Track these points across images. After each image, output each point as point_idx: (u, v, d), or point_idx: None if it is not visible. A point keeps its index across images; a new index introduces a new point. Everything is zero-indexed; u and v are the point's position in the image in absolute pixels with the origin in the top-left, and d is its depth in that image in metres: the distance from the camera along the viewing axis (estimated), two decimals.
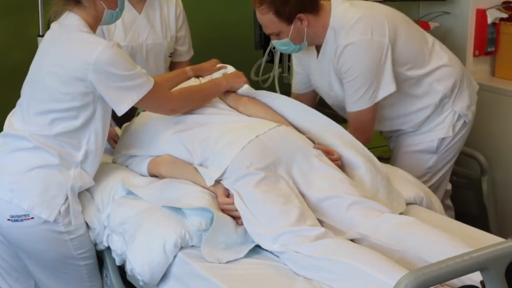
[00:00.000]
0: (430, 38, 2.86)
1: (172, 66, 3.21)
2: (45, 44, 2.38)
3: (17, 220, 2.27)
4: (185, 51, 3.21)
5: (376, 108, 2.70)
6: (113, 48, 2.22)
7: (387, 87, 2.66)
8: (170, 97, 2.42)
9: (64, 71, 2.25)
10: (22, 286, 2.53)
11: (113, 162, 2.63)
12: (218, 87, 2.59)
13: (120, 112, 2.29)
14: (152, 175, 2.47)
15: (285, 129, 2.42)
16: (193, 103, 2.48)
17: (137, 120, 2.59)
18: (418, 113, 2.82)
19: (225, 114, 2.51)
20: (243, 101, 2.60)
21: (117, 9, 2.40)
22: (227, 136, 2.35)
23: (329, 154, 2.41)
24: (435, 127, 2.84)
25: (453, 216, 3.14)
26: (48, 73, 2.29)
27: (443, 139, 2.84)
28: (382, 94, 2.66)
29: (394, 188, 2.42)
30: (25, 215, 2.27)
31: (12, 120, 2.40)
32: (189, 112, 2.48)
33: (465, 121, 2.86)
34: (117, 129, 2.84)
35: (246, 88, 2.64)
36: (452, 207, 3.15)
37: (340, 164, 2.41)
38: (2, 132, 2.42)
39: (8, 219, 2.28)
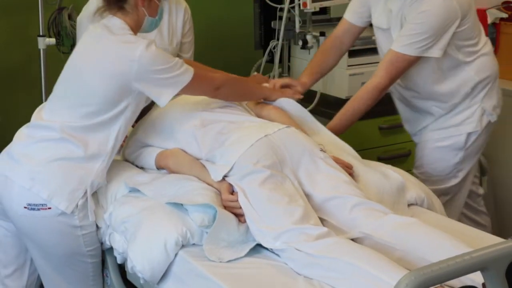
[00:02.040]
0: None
1: None
2: (84, 43, 2.42)
3: (33, 209, 2.28)
4: (188, 58, 3.20)
5: (414, 63, 2.70)
6: (153, 45, 2.30)
7: (437, 51, 2.67)
8: (212, 77, 2.48)
9: (105, 69, 2.30)
10: (15, 283, 2.54)
11: (122, 152, 2.62)
12: (260, 91, 2.70)
13: (162, 104, 2.35)
14: (159, 168, 2.49)
15: (294, 130, 2.43)
16: (235, 92, 2.57)
17: (154, 111, 2.61)
18: (450, 95, 2.82)
19: (239, 114, 2.53)
20: (267, 108, 2.66)
21: (156, 17, 2.47)
22: (236, 133, 2.37)
23: (339, 162, 2.42)
24: (464, 121, 2.83)
25: (488, 222, 3.14)
26: (87, 70, 2.33)
27: (470, 134, 2.83)
28: (430, 53, 2.67)
29: (401, 199, 2.42)
30: (42, 205, 2.28)
31: (42, 113, 2.42)
32: (205, 109, 2.52)
33: (490, 121, 2.87)
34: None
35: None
36: (487, 213, 3.15)
37: (352, 172, 2.42)
38: (28, 123, 2.44)
39: (25, 207, 2.28)
